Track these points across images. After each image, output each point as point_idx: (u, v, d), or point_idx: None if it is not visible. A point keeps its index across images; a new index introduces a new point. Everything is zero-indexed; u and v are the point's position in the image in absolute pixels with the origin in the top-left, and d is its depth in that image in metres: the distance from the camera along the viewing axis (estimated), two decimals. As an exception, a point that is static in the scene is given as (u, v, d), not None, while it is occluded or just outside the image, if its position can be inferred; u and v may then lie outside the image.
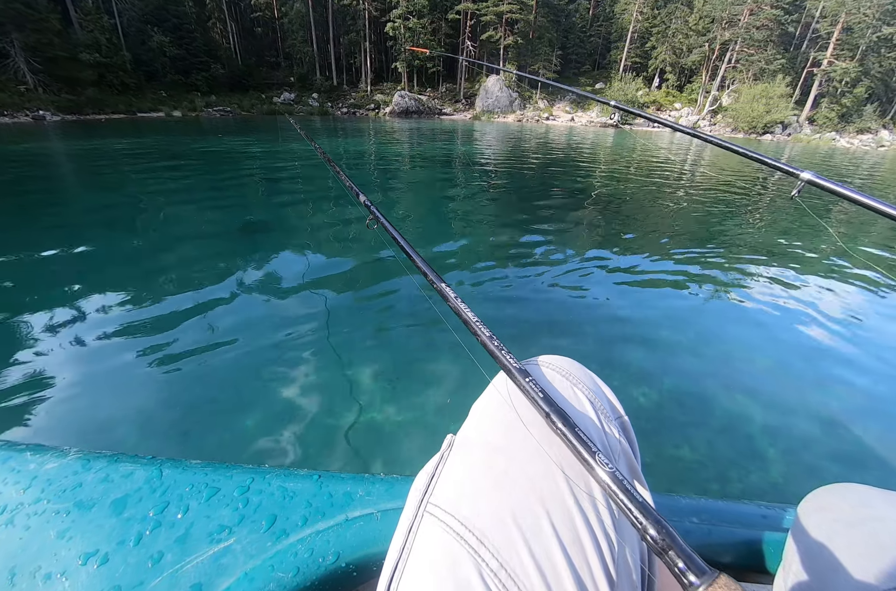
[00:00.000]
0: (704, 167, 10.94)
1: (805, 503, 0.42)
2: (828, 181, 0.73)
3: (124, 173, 6.36)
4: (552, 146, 14.29)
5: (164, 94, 30.10)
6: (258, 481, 0.51)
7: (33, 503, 0.47)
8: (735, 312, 2.63)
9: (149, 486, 0.49)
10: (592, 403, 0.37)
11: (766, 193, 7.49)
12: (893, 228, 4.91)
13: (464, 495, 0.31)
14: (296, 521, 0.47)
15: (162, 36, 29.75)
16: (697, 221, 5.08)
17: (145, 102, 28.13)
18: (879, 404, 1.81)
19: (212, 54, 33.31)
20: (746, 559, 0.50)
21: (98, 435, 1.42)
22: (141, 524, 0.45)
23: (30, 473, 0.50)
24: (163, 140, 11.47)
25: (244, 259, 3.00)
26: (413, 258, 0.57)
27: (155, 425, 1.46)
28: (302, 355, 1.83)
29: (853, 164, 14.79)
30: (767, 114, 34.24)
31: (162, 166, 7.04)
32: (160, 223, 3.82)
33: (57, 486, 0.49)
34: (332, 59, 39.88)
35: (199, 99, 30.50)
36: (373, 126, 21.91)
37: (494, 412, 0.37)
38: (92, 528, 0.45)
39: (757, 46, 36.07)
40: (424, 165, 8.25)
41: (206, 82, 32.51)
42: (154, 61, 30.01)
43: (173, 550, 0.43)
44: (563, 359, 0.42)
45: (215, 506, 0.48)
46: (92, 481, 0.50)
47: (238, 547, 0.44)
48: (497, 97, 38.32)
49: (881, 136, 36.09)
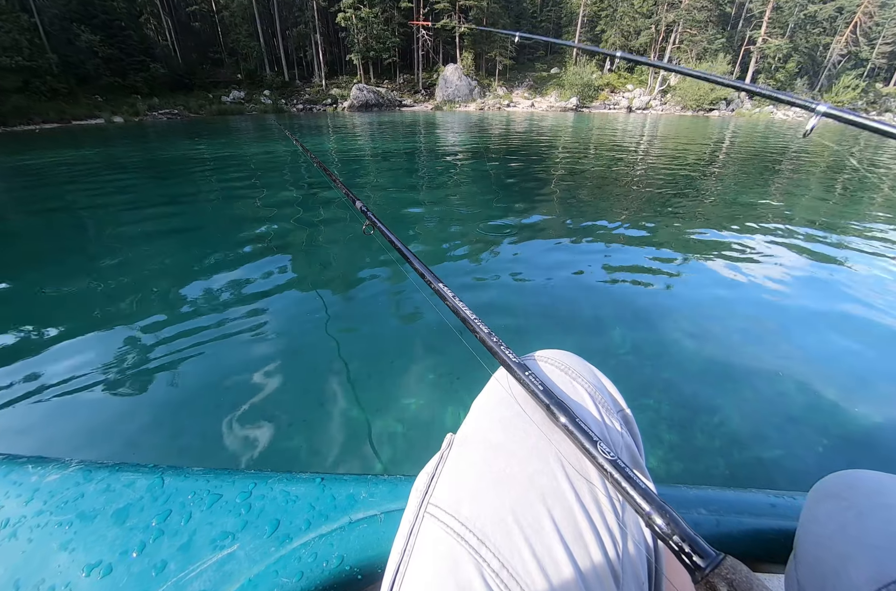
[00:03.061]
0: (660, 141, 11.47)
1: (815, 491, 0.42)
2: (843, 111, 0.75)
3: (67, 194, 5.34)
4: (524, 132, 14.40)
5: (101, 99, 27.66)
6: (260, 485, 0.51)
7: (36, 516, 0.47)
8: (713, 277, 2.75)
9: (150, 495, 0.49)
10: (592, 396, 0.37)
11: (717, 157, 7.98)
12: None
13: (464, 495, 0.30)
14: (299, 525, 0.46)
15: (91, 34, 27.23)
16: (657, 189, 5.43)
17: (80, 109, 25.72)
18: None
19: (149, 53, 30.90)
20: (756, 549, 0.49)
21: (106, 444, 1.42)
22: (144, 533, 0.45)
23: (31, 485, 0.50)
24: (117, 149, 10.31)
25: (241, 265, 2.90)
26: (411, 261, 0.58)
27: (154, 427, 1.47)
28: (300, 355, 1.84)
29: (787, 137, 15.94)
30: (712, 91, 36.02)
31: (111, 184, 5.88)
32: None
33: (59, 498, 0.49)
34: (282, 54, 38.03)
35: (140, 102, 28.27)
36: (332, 122, 21.02)
37: (493, 410, 0.37)
38: (95, 539, 0.45)
39: (699, 27, 37.71)
40: (394, 159, 7.98)
41: (146, 84, 30.16)
42: (85, 63, 27.46)
43: (177, 558, 0.43)
44: (563, 353, 0.42)
45: (218, 513, 0.47)
46: (94, 492, 0.49)
47: (242, 553, 0.43)
48: (456, 86, 38.04)
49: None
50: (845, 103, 38.48)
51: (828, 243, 3.46)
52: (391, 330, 2.06)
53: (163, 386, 1.68)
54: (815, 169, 7.79)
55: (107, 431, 1.47)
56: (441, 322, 2.03)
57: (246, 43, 35.32)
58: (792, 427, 1.50)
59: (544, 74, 42.13)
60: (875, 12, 38.50)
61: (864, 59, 40.61)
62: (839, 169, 7.95)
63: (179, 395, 1.63)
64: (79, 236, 3.68)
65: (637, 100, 38.97)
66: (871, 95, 39.43)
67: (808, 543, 0.38)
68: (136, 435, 1.45)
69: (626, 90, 40.80)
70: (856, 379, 1.77)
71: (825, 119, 0.66)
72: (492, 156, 8.18)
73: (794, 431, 1.49)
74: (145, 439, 1.43)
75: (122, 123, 25.06)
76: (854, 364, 1.87)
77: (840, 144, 12.70)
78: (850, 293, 2.54)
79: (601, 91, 39.36)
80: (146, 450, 1.39)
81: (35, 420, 1.53)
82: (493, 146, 9.83)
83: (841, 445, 1.44)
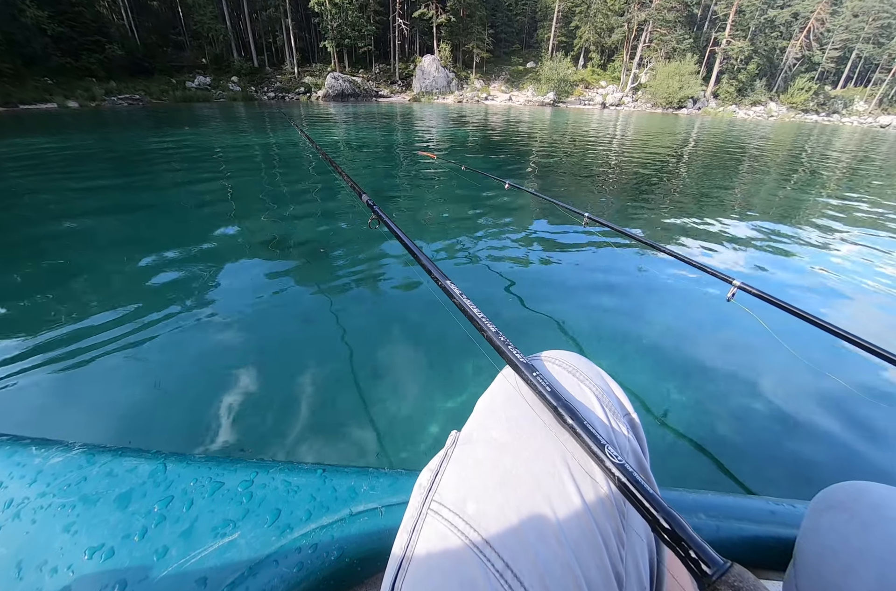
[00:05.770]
0: (630, 136, 11.97)
1: (818, 501, 0.41)
2: (754, 288, 0.95)
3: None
4: (514, 126, 14.46)
5: (51, 82, 25.40)
6: (262, 475, 0.51)
7: (39, 498, 0.47)
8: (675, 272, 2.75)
9: (153, 480, 0.50)
10: (600, 399, 0.36)
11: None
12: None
13: (468, 493, 0.30)
14: (300, 516, 0.47)
15: (37, 10, 24.86)
16: (630, 180, 5.78)
17: (27, 92, 23.46)
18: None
19: (103, 32, 28.49)
20: (755, 556, 0.49)
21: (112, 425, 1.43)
22: (146, 518, 0.45)
23: (35, 467, 0.51)
24: (74, 139, 9.06)
25: (245, 260, 2.82)
26: (418, 257, 0.59)
27: (165, 415, 1.48)
28: (304, 349, 1.86)
29: (747, 134, 16.96)
30: (681, 89, 37.47)
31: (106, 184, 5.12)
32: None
33: (62, 480, 0.49)
34: (251, 38, 36.08)
35: (96, 86, 26.18)
36: (308, 111, 20.11)
37: (499, 409, 0.36)
38: (97, 522, 0.45)
39: (668, 27, 38.89)
40: (380, 154, 7.65)
41: (101, 66, 27.88)
42: (32, 42, 25.03)
43: (178, 544, 0.43)
44: (570, 354, 0.41)
45: (220, 501, 0.48)
46: (96, 476, 0.50)
47: (243, 542, 0.44)
48: (434, 77, 37.57)
49: (770, 107, 41.23)
50: (799, 104, 41.01)
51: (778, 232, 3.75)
52: (392, 322, 2.05)
53: (156, 371, 1.65)
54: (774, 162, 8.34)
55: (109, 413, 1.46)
56: (449, 317, 2.00)
57: (211, 25, 33.24)
58: (790, 433, 1.46)
59: (520, 68, 42.29)
60: (827, 19, 41.02)
61: (816, 62, 43.29)
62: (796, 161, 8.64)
63: (177, 379, 1.62)
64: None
65: (610, 96, 39.90)
66: (822, 97, 42.18)
67: (809, 552, 0.37)
68: (126, 420, 1.43)
69: (599, 86, 41.65)
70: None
71: (780, 118, 0.84)
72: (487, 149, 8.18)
73: (794, 436, 1.45)
74: (131, 424, 1.42)
75: (77, 108, 23.14)
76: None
77: (794, 144, 13.69)
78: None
79: (576, 86, 40.00)
80: (163, 427, 1.40)
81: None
82: (495, 137, 9.81)
83: (844, 454, 1.39)
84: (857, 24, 41.29)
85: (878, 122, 38.09)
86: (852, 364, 1.86)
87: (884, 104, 42.16)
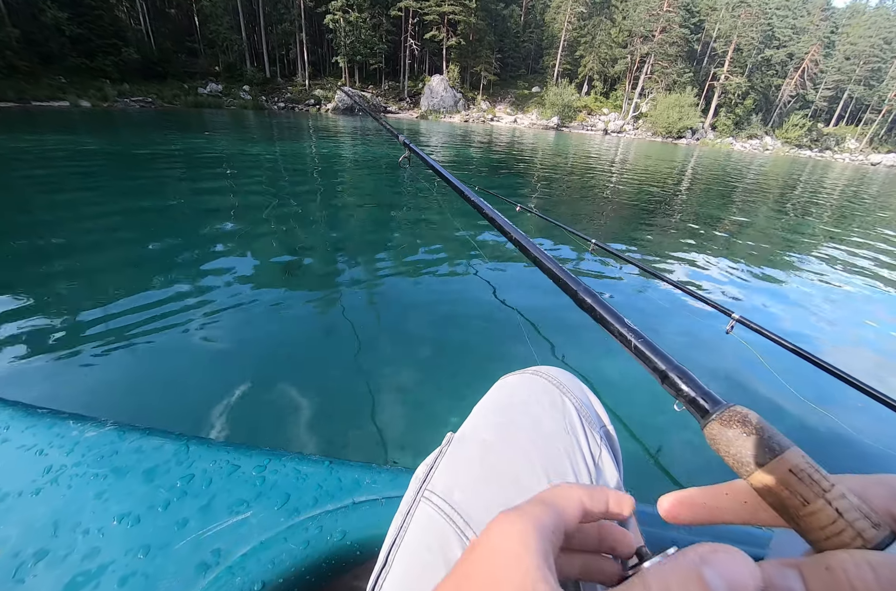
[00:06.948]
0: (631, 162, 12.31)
1: None
2: (752, 322, 0.99)
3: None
4: (518, 148, 14.82)
5: (64, 81, 25.79)
6: (274, 462, 0.56)
7: (75, 466, 0.52)
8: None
9: (176, 458, 0.55)
10: (579, 411, 0.40)
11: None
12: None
13: (456, 484, 0.34)
14: (307, 501, 0.51)
15: (58, 11, 25.41)
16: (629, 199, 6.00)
17: (41, 89, 23.77)
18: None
19: (120, 36, 29.09)
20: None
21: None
22: (169, 492, 0.50)
23: (72, 439, 0.56)
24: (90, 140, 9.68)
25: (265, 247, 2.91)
26: (452, 182, 0.65)
27: (185, 402, 1.54)
28: (312, 340, 1.91)
29: (744, 166, 17.60)
30: (680, 120, 38.71)
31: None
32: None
33: (96, 452, 0.54)
34: (264, 50, 37.01)
35: (109, 87, 26.57)
36: (321, 123, 20.60)
37: (491, 414, 0.41)
38: (126, 492, 0.50)
39: (670, 60, 40.43)
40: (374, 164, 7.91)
41: (115, 68, 28.35)
42: (49, 41, 25.50)
43: (197, 517, 0.47)
44: (559, 370, 0.46)
45: (235, 482, 0.52)
46: (126, 451, 0.55)
47: (255, 520, 0.48)
48: (442, 97, 38.56)
49: (766, 141, 42.62)
50: (793, 139, 42.42)
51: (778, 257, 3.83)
52: (398, 324, 2.09)
53: (179, 354, 1.72)
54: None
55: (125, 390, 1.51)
56: (450, 325, 2.05)
57: (227, 35, 34.10)
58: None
59: (526, 92, 43.56)
60: (820, 61, 42.93)
61: (809, 100, 45.05)
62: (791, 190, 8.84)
63: (205, 370, 1.66)
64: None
65: (612, 123, 41.08)
66: (815, 134, 43.71)
67: None
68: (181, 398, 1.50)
69: (602, 113, 42.91)
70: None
71: (775, 152, 0.89)
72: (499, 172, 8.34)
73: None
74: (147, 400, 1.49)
75: (89, 107, 23.42)
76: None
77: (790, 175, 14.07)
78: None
79: (579, 112, 41.19)
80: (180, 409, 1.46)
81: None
82: (500, 162, 10.02)
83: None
84: (849, 66, 43.23)
85: (869, 159, 39.46)
86: (850, 402, 1.87)
87: (874, 143, 43.75)
